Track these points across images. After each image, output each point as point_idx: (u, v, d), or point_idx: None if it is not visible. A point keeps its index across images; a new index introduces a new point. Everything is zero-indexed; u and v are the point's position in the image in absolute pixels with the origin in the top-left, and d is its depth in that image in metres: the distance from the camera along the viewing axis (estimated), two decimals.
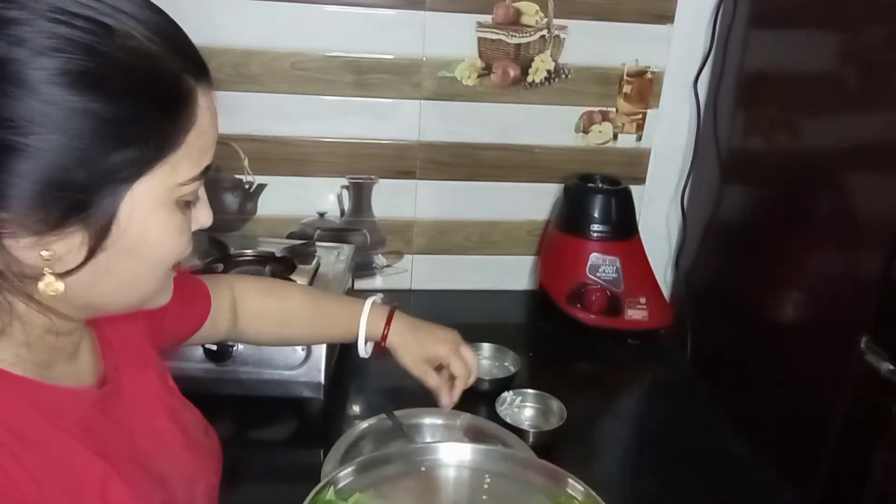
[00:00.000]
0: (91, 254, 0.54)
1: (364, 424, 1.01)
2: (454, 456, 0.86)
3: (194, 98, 0.57)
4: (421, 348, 0.98)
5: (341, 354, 1.19)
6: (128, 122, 0.53)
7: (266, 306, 0.98)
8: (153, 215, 0.57)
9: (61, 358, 0.63)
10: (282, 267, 1.26)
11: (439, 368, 0.99)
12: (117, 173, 0.53)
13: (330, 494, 0.76)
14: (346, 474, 0.79)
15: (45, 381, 0.59)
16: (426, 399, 1.00)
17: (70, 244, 0.53)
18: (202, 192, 0.63)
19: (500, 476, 0.85)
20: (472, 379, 0.99)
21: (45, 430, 0.57)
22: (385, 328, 0.98)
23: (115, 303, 0.62)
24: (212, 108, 0.60)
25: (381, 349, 0.99)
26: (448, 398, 0.98)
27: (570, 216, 1.47)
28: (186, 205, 0.60)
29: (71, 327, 0.63)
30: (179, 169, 0.57)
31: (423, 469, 0.84)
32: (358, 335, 0.98)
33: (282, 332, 1.00)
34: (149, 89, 0.54)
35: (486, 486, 0.84)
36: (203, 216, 0.64)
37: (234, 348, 1.10)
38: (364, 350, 1.00)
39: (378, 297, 1.01)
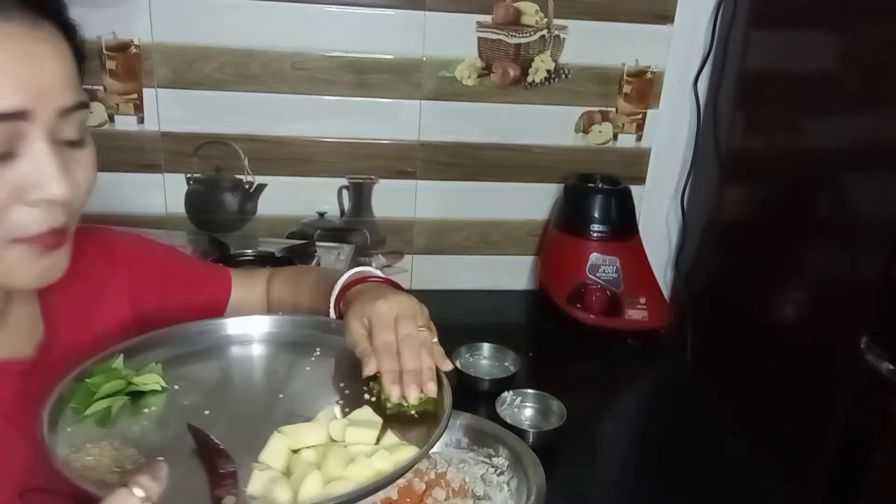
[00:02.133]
0: None
1: None
2: (243, 330, 0.84)
3: None
4: (363, 307, 0.74)
5: None
6: None
7: (284, 292, 0.94)
8: None
9: None
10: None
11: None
12: None
13: (118, 363, 0.72)
14: (135, 344, 0.76)
15: None
16: None
17: None
18: (42, 154, 0.56)
19: (293, 344, 0.83)
20: (406, 361, 0.69)
21: None
22: (349, 286, 0.81)
23: None
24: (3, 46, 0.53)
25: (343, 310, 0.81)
26: (368, 370, 0.70)
27: (570, 216, 1.47)
28: None
29: None
30: None
31: (217, 346, 0.82)
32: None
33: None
34: None
35: (268, 354, 0.82)
36: (46, 183, 0.56)
37: None
38: (333, 311, 0.84)
39: (373, 267, 0.87)
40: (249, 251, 1.32)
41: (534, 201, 1.55)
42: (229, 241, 1.34)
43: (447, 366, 0.72)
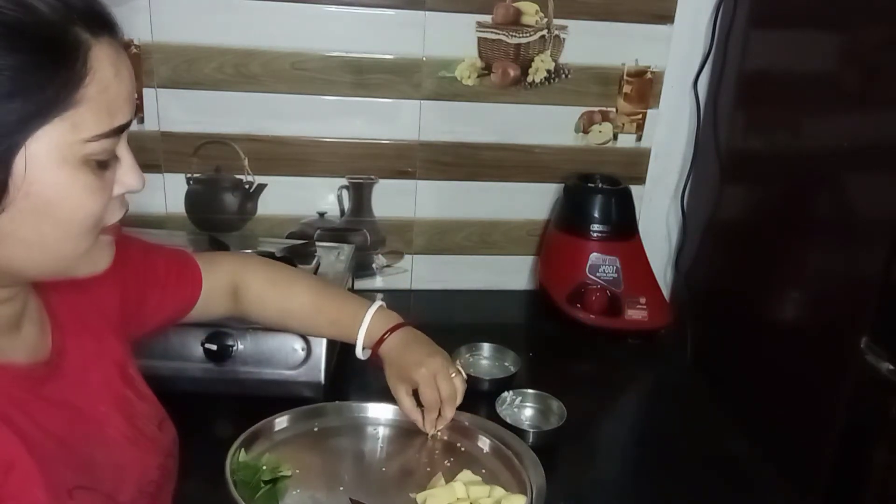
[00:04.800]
0: None
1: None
2: (341, 414, 1.00)
3: (84, 51, 0.55)
4: (403, 368, 0.95)
5: (341, 354, 1.19)
6: (2, 76, 0.51)
7: (268, 297, 0.98)
8: (55, 173, 0.55)
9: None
10: None
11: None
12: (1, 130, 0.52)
13: (242, 456, 0.85)
14: (248, 437, 0.89)
15: None
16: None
17: None
18: (125, 153, 0.62)
19: (387, 426, 1.00)
20: (446, 411, 0.95)
21: None
22: (381, 339, 0.97)
23: (30, 268, 0.60)
24: (117, 63, 0.58)
25: (376, 359, 0.98)
26: (422, 425, 0.96)
27: (570, 216, 1.47)
28: (100, 164, 0.58)
29: (3, 296, 0.62)
30: (81, 125, 0.55)
31: (315, 429, 0.96)
32: (356, 339, 0.98)
33: (283, 322, 1.01)
34: (25, 41, 0.52)
35: (377, 435, 0.99)
36: (129, 178, 0.62)
37: (234, 348, 1.10)
38: (361, 353, 0.99)
39: (382, 302, 1.00)
40: (249, 251, 1.32)
41: (534, 201, 1.55)
42: (229, 241, 1.34)
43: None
